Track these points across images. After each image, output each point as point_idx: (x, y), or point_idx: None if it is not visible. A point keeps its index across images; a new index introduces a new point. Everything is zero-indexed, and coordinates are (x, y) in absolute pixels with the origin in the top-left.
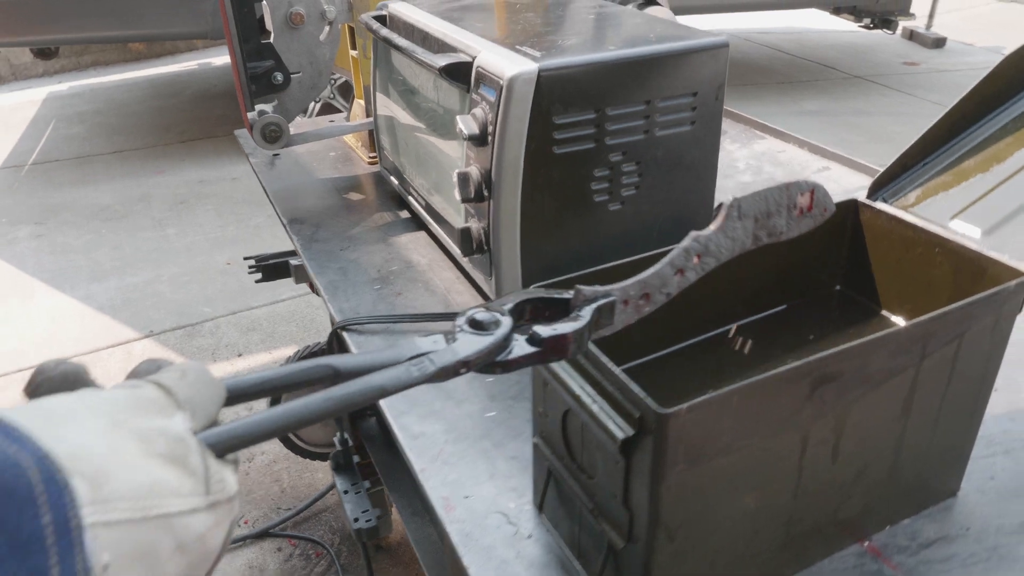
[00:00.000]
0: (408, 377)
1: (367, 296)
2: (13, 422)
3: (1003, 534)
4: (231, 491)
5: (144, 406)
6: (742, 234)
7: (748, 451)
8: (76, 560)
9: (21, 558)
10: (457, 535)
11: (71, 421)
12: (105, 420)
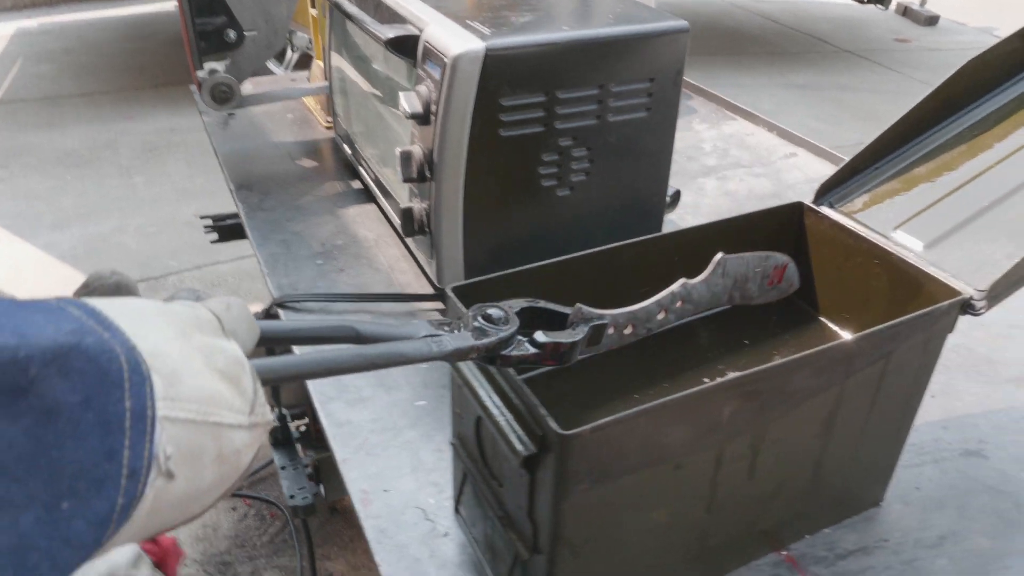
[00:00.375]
0: (428, 351)
1: (308, 271)
2: (105, 312)
3: (921, 547)
4: (269, 417)
5: (202, 325)
6: (721, 290)
7: (658, 469)
8: (145, 446)
9: (102, 435)
10: (372, 531)
11: (148, 323)
12: (175, 328)
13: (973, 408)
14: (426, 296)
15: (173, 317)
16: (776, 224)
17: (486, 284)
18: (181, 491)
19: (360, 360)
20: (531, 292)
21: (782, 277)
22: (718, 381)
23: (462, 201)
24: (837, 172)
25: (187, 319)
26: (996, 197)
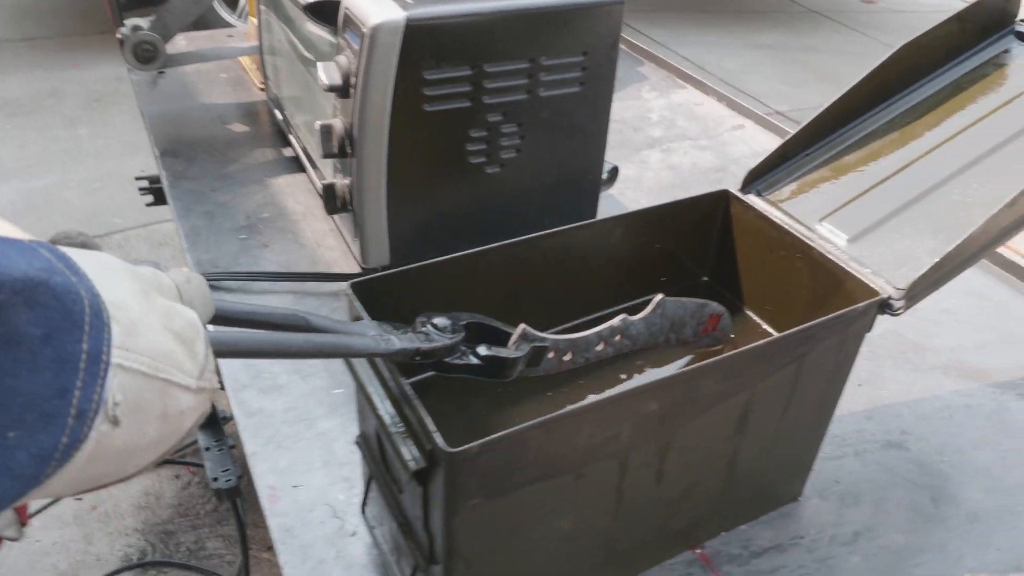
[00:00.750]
0: (375, 346)
1: (230, 246)
2: (75, 259)
3: (836, 544)
4: (215, 385)
5: (163, 288)
6: (658, 330)
7: (557, 480)
8: (95, 389)
9: (56, 371)
10: (277, 530)
11: (114, 276)
12: (138, 286)
13: (898, 397)
14: (350, 276)
15: (137, 276)
16: (702, 213)
17: (388, 280)
18: (122, 442)
19: (308, 346)
20: (439, 287)
21: (716, 326)
22: (617, 392)
23: (385, 178)
24: (767, 159)
25: (150, 280)
26: (922, 190)
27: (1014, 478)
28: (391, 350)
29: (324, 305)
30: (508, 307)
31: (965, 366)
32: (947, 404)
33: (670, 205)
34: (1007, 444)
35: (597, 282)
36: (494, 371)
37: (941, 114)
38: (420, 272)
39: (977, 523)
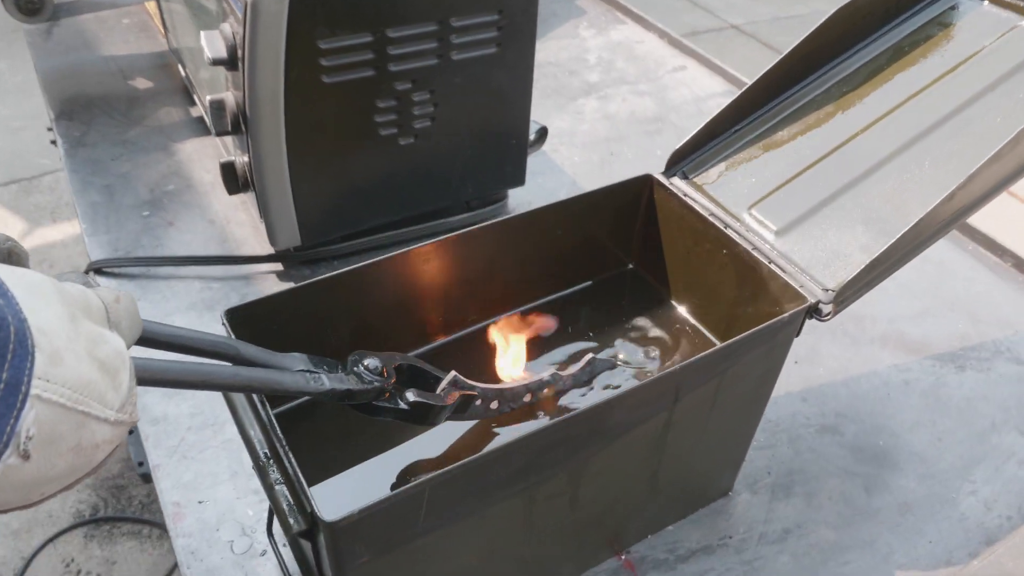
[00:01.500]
0: (304, 385)
1: (132, 225)
2: (3, 278)
3: (765, 543)
4: (135, 418)
5: (91, 310)
6: (581, 382)
7: (458, 526)
8: (10, 420)
9: None
10: (182, 552)
11: (43, 298)
12: (66, 309)
13: (835, 375)
14: (260, 258)
15: (66, 297)
16: (624, 201)
17: (271, 302)
18: (30, 475)
19: (236, 380)
20: (328, 305)
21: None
22: (511, 440)
23: (286, 156)
24: (693, 136)
25: (78, 302)
26: (856, 174)
27: (947, 461)
28: (321, 390)
29: (234, 291)
30: (410, 315)
31: (904, 338)
32: (885, 381)
33: (587, 196)
34: (942, 424)
35: (513, 278)
36: (420, 417)
37: (879, 83)
38: (307, 291)
39: (909, 514)
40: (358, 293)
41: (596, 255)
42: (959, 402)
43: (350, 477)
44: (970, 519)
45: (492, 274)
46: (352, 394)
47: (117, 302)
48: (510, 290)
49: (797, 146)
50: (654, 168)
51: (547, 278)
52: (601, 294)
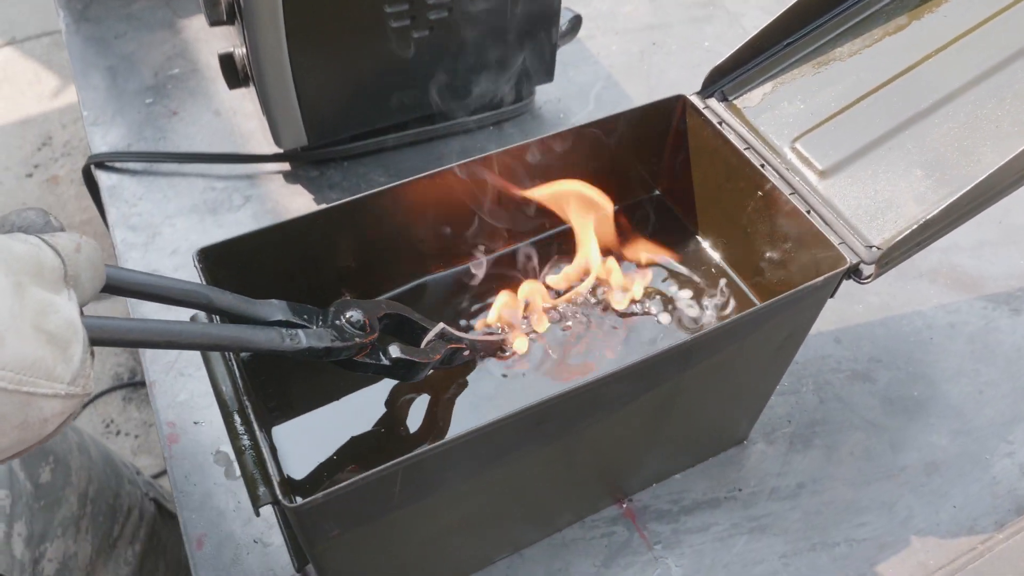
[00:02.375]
0: (279, 343)
1: (134, 115)
2: None
3: (776, 499)
4: (88, 389)
5: (44, 273)
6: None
7: (443, 495)
8: None
9: None
10: (177, 476)
11: None
12: (11, 280)
13: (875, 313)
14: (267, 157)
15: (13, 264)
16: (654, 124)
17: (244, 241)
18: None
19: (205, 340)
20: (314, 241)
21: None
22: (489, 422)
23: (286, 48)
24: (737, 51)
25: (28, 266)
26: (923, 107)
27: (987, 417)
28: (298, 348)
29: (238, 192)
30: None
31: (957, 273)
32: (928, 323)
33: (609, 120)
34: (986, 375)
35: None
36: (404, 374)
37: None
38: (289, 228)
39: (935, 475)
40: (348, 228)
41: (620, 180)
42: (1008, 351)
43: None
44: (1002, 484)
45: (501, 202)
46: (331, 351)
47: (77, 251)
48: (520, 218)
49: (856, 67)
50: (697, 65)
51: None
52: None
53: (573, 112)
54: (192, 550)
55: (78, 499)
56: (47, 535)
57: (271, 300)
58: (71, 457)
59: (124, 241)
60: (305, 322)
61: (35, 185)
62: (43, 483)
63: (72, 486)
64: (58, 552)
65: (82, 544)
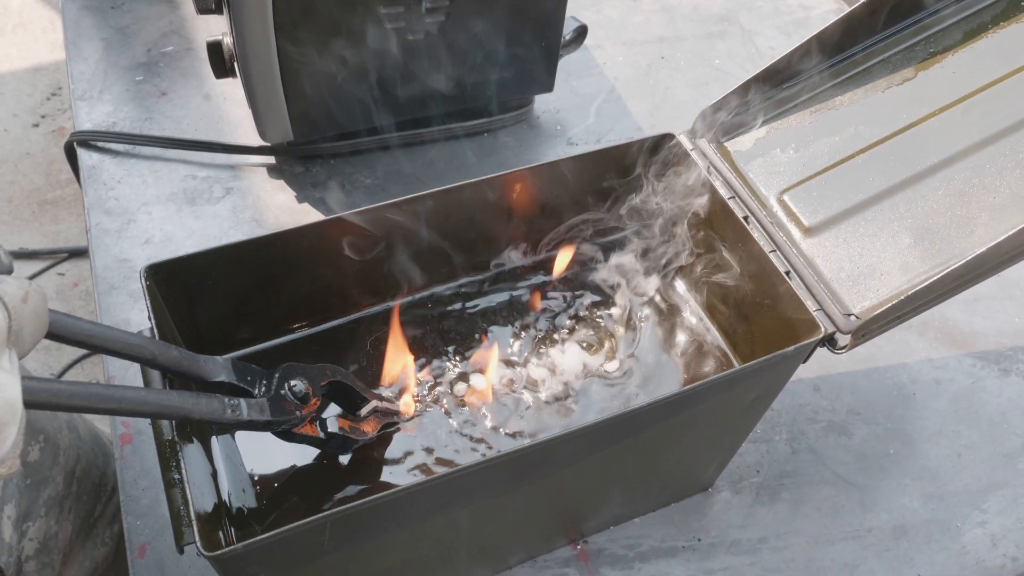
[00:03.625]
0: (221, 414)
1: (123, 91)
2: None
3: (736, 552)
4: (14, 470)
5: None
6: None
7: (376, 544)
8: None
9: None
10: (127, 475)
11: None
12: None
13: (858, 363)
14: (252, 149)
15: None
16: (640, 159)
17: (195, 259)
18: None
19: (147, 408)
20: (271, 264)
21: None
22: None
23: (275, 42)
24: (734, 91)
25: None
26: (918, 169)
27: (962, 482)
28: (239, 420)
29: (219, 183)
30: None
31: (948, 326)
32: (913, 377)
33: (595, 155)
34: (967, 437)
35: (501, 233)
36: (336, 448)
37: (979, 50)
38: (242, 250)
39: (903, 539)
40: (308, 252)
41: (599, 216)
42: (992, 413)
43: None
44: (970, 554)
45: (471, 231)
46: (271, 424)
47: (24, 302)
48: (495, 248)
49: (855, 119)
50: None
51: (542, 234)
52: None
53: (571, 124)
54: (133, 558)
55: (64, 478)
56: (31, 514)
57: (215, 357)
58: (60, 436)
59: (98, 226)
60: (248, 385)
61: (40, 135)
62: (31, 462)
63: (59, 465)
64: (39, 532)
65: (63, 524)
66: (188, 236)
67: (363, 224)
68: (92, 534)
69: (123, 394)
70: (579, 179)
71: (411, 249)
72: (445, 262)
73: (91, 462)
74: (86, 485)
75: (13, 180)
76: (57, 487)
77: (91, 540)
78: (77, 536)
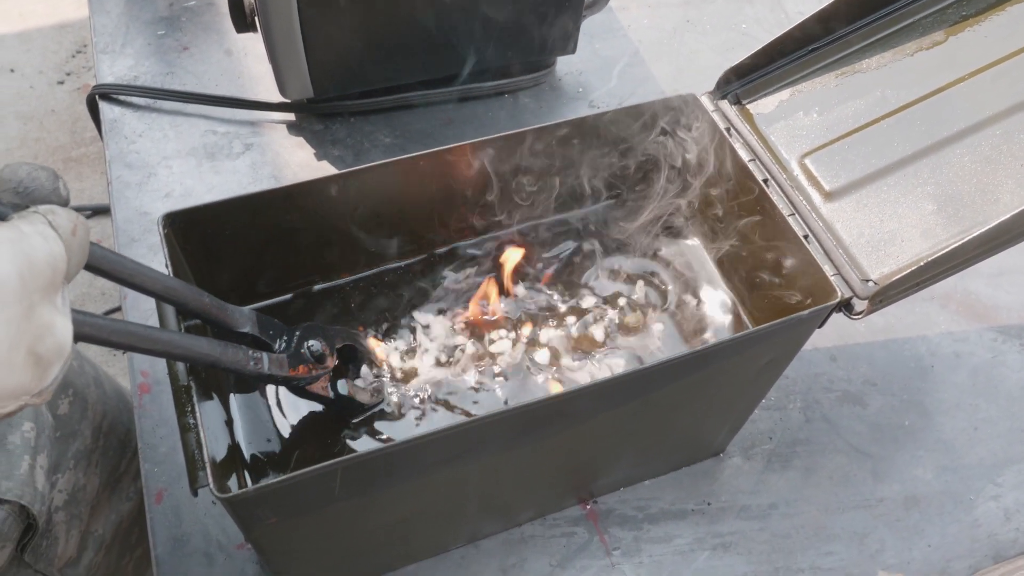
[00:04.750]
0: (244, 365)
1: (144, 45)
2: None
3: (745, 517)
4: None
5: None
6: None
7: (388, 493)
8: None
9: None
10: (145, 423)
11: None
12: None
13: (877, 334)
14: (272, 105)
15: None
16: (661, 120)
17: (212, 209)
18: None
19: (177, 350)
20: (289, 216)
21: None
22: (447, 427)
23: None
24: (756, 53)
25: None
26: (944, 135)
27: (977, 455)
28: (261, 372)
29: (238, 139)
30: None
31: (970, 299)
32: (932, 350)
33: (611, 114)
34: (984, 411)
35: (511, 195)
36: (342, 410)
37: (1013, 13)
38: (260, 201)
39: (914, 510)
40: (327, 204)
41: (620, 173)
42: (1012, 388)
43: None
44: (983, 527)
45: (485, 190)
46: (288, 380)
47: (74, 235)
48: (508, 206)
49: (881, 83)
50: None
51: (559, 193)
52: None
53: (593, 87)
54: (150, 503)
55: (92, 433)
56: (60, 466)
57: (242, 308)
58: (88, 391)
59: (119, 179)
60: (269, 339)
61: (65, 93)
62: (61, 415)
63: (88, 420)
64: (68, 484)
65: (91, 477)
66: (208, 191)
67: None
68: (118, 488)
69: (159, 335)
70: (599, 138)
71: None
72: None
73: (116, 418)
74: (112, 440)
75: (39, 137)
76: (85, 441)
77: (117, 494)
78: (104, 489)
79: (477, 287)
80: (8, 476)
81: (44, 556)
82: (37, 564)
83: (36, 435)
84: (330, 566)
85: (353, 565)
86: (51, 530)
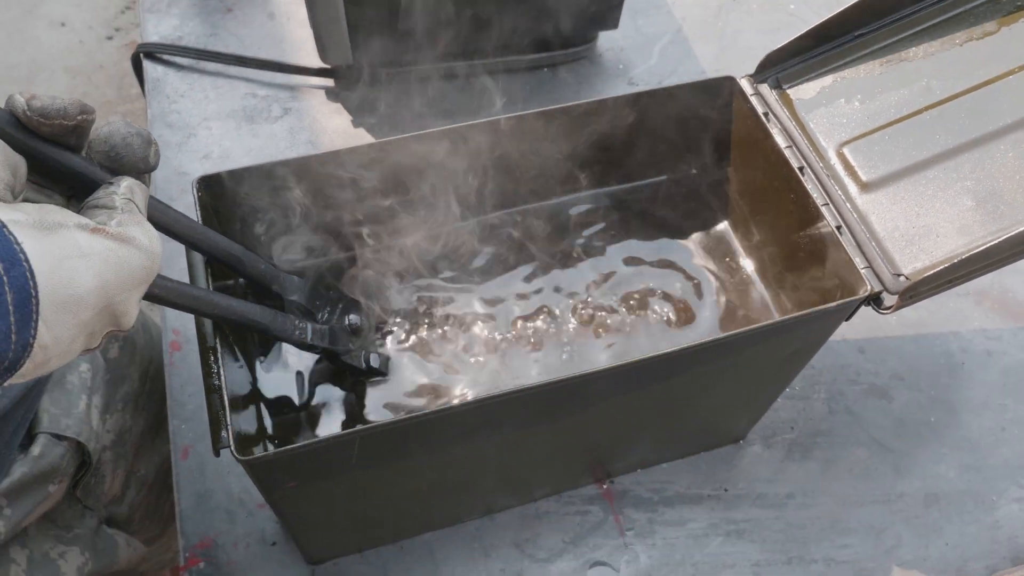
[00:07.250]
0: (289, 333)
1: (189, 5)
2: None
3: (761, 505)
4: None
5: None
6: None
7: (404, 464)
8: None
9: None
10: (175, 380)
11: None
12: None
13: (908, 327)
14: (312, 70)
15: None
16: (699, 103)
17: (247, 173)
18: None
19: (232, 315)
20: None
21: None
22: (465, 402)
23: None
24: (797, 38)
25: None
26: (989, 129)
27: (1002, 456)
28: (303, 341)
29: (278, 103)
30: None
31: (1007, 297)
32: (964, 346)
33: (653, 94)
34: (1013, 411)
35: (550, 169)
36: (375, 375)
37: None
38: (299, 167)
39: (934, 507)
40: (361, 172)
41: (656, 153)
42: None
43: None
44: (1003, 528)
45: (528, 164)
46: (327, 351)
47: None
48: (549, 180)
49: (928, 73)
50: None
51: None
52: (647, 198)
53: (634, 64)
54: (176, 459)
55: (140, 377)
56: (109, 407)
57: (294, 276)
58: (137, 336)
59: (160, 138)
60: (317, 308)
61: (114, 49)
62: (111, 358)
63: (136, 364)
64: (116, 425)
65: (137, 420)
66: (246, 153)
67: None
68: (160, 432)
69: (219, 300)
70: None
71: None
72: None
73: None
74: (157, 385)
75: (86, 92)
76: (133, 384)
77: (159, 438)
78: (147, 432)
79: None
80: (67, 414)
81: (93, 493)
82: (87, 500)
83: (92, 376)
84: (347, 530)
85: (370, 530)
86: (100, 468)
